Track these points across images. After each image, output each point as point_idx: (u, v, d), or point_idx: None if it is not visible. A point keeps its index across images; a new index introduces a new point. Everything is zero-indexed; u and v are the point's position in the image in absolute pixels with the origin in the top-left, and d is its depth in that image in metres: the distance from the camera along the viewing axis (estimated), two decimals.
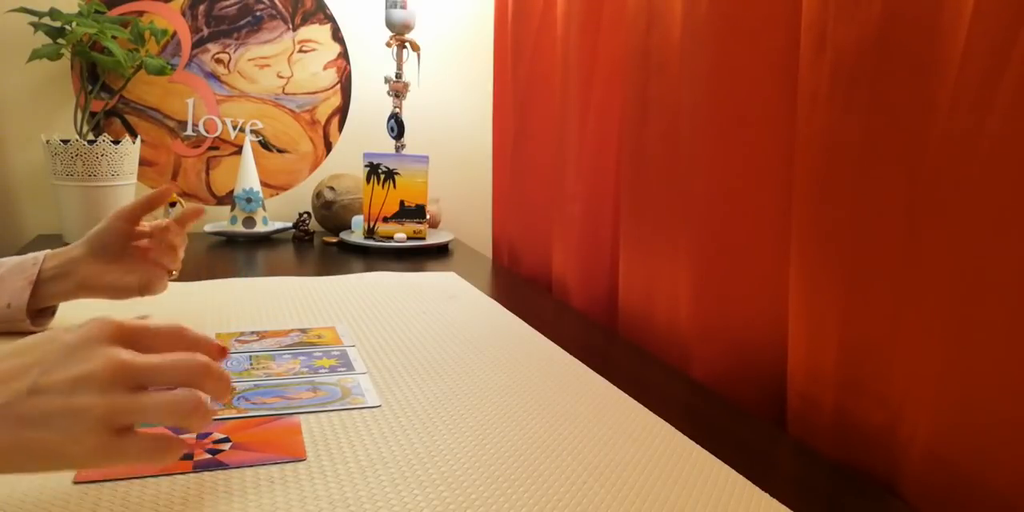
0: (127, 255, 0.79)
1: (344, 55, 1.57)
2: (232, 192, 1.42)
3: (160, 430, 0.44)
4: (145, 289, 0.80)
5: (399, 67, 1.42)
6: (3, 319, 0.75)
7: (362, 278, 1.10)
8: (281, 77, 1.54)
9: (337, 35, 1.56)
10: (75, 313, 0.82)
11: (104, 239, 0.78)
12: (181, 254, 0.84)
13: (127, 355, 0.40)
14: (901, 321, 0.56)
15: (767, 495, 0.49)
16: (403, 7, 1.37)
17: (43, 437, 0.38)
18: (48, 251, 0.78)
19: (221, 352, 0.45)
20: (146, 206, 0.82)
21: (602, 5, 1.02)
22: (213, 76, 1.50)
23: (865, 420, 0.59)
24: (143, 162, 1.45)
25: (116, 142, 1.29)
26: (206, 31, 1.48)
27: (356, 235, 1.40)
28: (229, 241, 1.39)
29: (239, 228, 1.39)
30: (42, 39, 1.30)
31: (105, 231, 0.78)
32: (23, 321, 0.75)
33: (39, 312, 0.78)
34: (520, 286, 1.17)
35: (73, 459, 0.39)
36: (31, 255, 0.77)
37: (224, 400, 0.44)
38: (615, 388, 0.68)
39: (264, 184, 1.49)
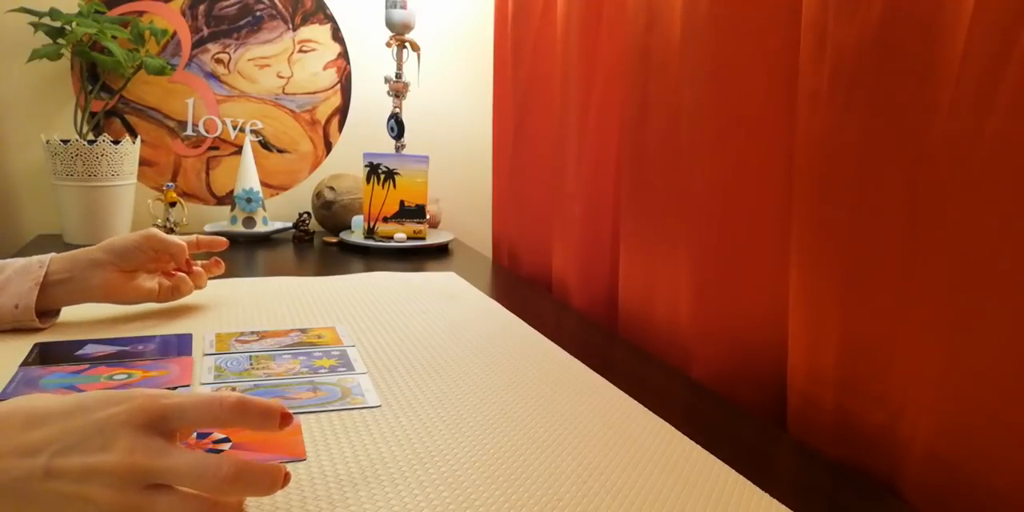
0: (150, 268, 0.84)
1: (344, 55, 1.57)
2: (232, 192, 1.42)
3: None
4: (169, 295, 0.85)
5: (399, 67, 1.42)
6: (12, 319, 0.75)
7: (362, 278, 1.10)
8: (281, 77, 1.54)
9: (337, 35, 1.56)
10: (78, 308, 0.82)
11: (130, 253, 0.80)
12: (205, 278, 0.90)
13: (146, 455, 0.38)
14: (901, 321, 0.56)
15: (767, 495, 0.49)
16: (403, 7, 1.37)
17: None
18: (54, 254, 0.78)
19: (283, 418, 0.41)
20: (194, 247, 0.87)
21: (602, 5, 1.02)
22: (213, 76, 1.50)
23: (865, 420, 0.59)
24: (143, 162, 1.45)
25: (116, 142, 1.29)
26: (206, 31, 1.48)
27: (356, 235, 1.40)
28: (229, 241, 1.39)
29: (239, 228, 1.39)
30: (42, 39, 1.30)
31: (135, 246, 0.80)
32: (32, 320, 0.76)
33: (45, 312, 0.78)
34: (520, 286, 1.17)
35: None
36: (36, 258, 0.77)
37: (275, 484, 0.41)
38: (615, 388, 0.68)
39: (264, 184, 1.49)
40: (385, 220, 1.38)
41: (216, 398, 0.40)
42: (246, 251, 1.32)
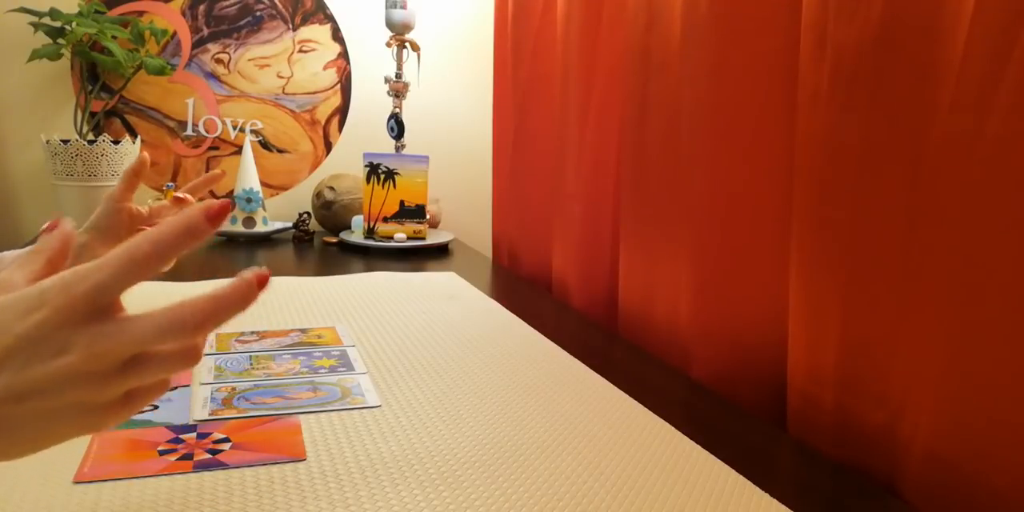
0: (130, 235, 0.79)
1: (344, 55, 1.57)
2: (232, 192, 1.42)
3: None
4: None
5: (399, 67, 1.42)
6: None
7: (362, 278, 1.10)
8: (281, 77, 1.54)
9: (337, 35, 1.56)
10: None
11: (102, 222, 0.76)
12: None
13: (101, 338, 0.35)
14: (901, 321, 0.55)
15: (767, 495, 0.49)
16: (403, 7, 1.37)
17: (50, 429, 0.36)
18: None
19: (209, 217, 0.37)
20: (130, 180, 0.79)
21: (602, 5, 1.01)
22: (213, 76, 1.50)
23: (865, 420, 0.59)
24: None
25: (116, 142, 1.29)
26: (206, 31, 1.48)
27: (356, 235, 1.40)
28: (229, 241, 1.39)
29: (239, 228, 1.39)
30: (42, 39, 1.30)
31: (102, 214, 0.76)
32: None
33: None
34: (520, 286, 1.17)
35: (86, 433, 0.37)
36: (31, 248, 0.77)
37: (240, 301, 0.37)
38: (615, 388, 0.68)
39: (264, 184, 1.49)
40: (385, 220, 1.38)
41: (127, 253, 0.36)
42: (246, 251, 1.32)
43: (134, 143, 1.34)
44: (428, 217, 1.41)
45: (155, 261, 0.36)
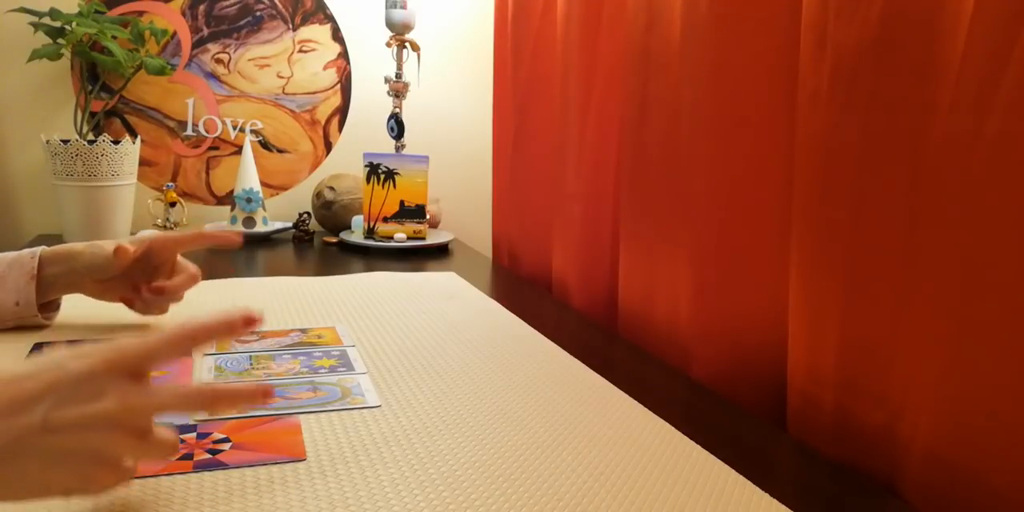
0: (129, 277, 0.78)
1: (344, 55, 1.57)
2: (232, 192, 1.41)
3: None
4: (143, 311, 0.80)
5: (399, 67, 1.42)
6: (14, 317, 0.75)
7: (362, 278, 1.10)
8: (281, 77, 1.54)
9: (337, 35, 1.56)
10: (80, 305, 0.82)
11: (101, 272, 0.77)
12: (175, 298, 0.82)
13: (136, 394, 0.40)
14: (901, 321, 0.56)
15: (767, 495, 0.49)
16: (403, 7, 1.37)
17: (59, 476, 0.38)
18: (44, 247, 0.78)
19: (248, 323, 0.45)
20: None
21: (602, 5, 1.02)
22: (213, 76, 1.50)
23: (865, 420, 0.59)
24: (143, 162, 1.45)
25: (116, 142, 1.29)
26: (206, 31, 1.48)
27: (356, 235, 1.40)
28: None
29: (239, 228, 1.39)
30: (42, 39, 1.30)
31: (107, 263, 0.76)
32: (35, 316, 0.76)
33: (44, 305, 0.78)
34: (520, 286, 1.17)
35: (76, 493, 0.41)
36: (27, 250, 0.77)
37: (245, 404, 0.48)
38: (615, 388, 0.68)
39: (264, 184, 1.49)
40: (385, 220, 1.38)
41: (178, 332, 0.43)
42: (246, 251, 1.32)
43: (134, 143, 1.34)
44: (428, 217, 1.41)
45: (196, 343, 0.44)
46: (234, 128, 1.53)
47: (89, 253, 0.76)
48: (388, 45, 1.40)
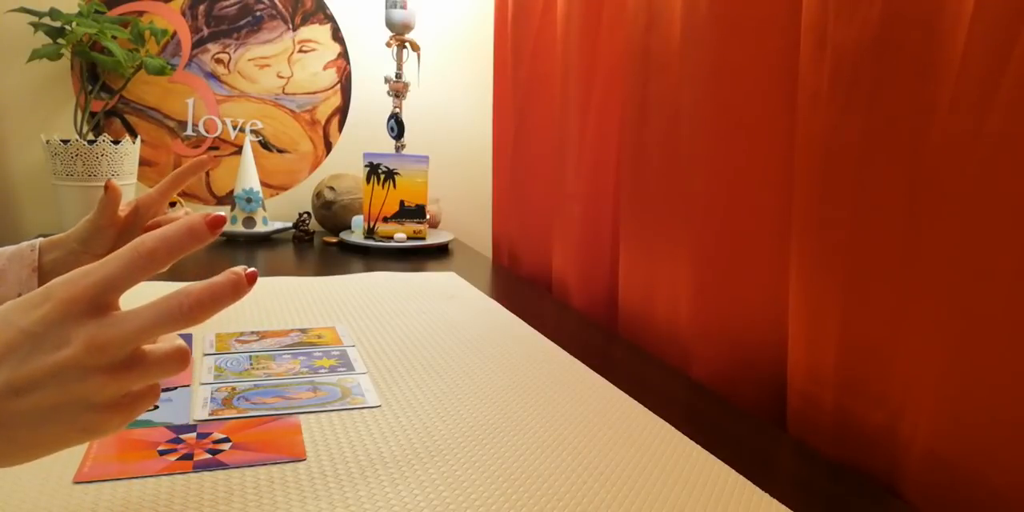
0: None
1: (344, 55, 1.57)
2: (232, 192, 1.41)
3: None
4: None
5: (399, 67, 1.42)
6: None
7: (362, 278, 1.10)
8: (281, 77, 1.54)
9: (337, 35, 1.56)
10: None
11: (92, 237, 0.76)
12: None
13: (100, 330, 0.35)
14: (901, 321, 0.56)
15: (767, 495, 0.49)
16: (403, 7, 1.37)
17: (46, 432, 0.36)
18: (41, 238, 0.78)
19: (214, 224, 0.37)
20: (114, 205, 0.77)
21: (602, 5, 1.02)
22: (213, 76, 1.50)
23: (865, 420, 0.59)
24: (143, 162, 1.45)
25: (116, 142, 1.29)
26: (206, 31, 1.48)
27: (356, 235, 1.40)
28: (229, 241, 1.39)
29: (239, 228, 1.39)
30: (42, 39, 1.30)
31: (92, 230, 0.75)
32: None
33: None
34: (520, 286, 1.17)
35: (83, 440, 0.37)
36: (26, 243, 0.77)
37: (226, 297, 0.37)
38: (615, 388, 0.68)
39: (264, 184, 1.49)
40: (385, 220, 1.38)
41: (132, 250, 0.37)
42: (246, 251, 1.32)
43: (134, 143, 1.34)
44: (428, 217, 1.41)
45: (157, 260, 0.37)
46: (234, 128, 1.53)
47: (78, 227, 0.75)
48: (388, 45, 1.40)
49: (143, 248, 0.37)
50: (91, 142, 1.27)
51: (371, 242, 1.35)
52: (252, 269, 0.38)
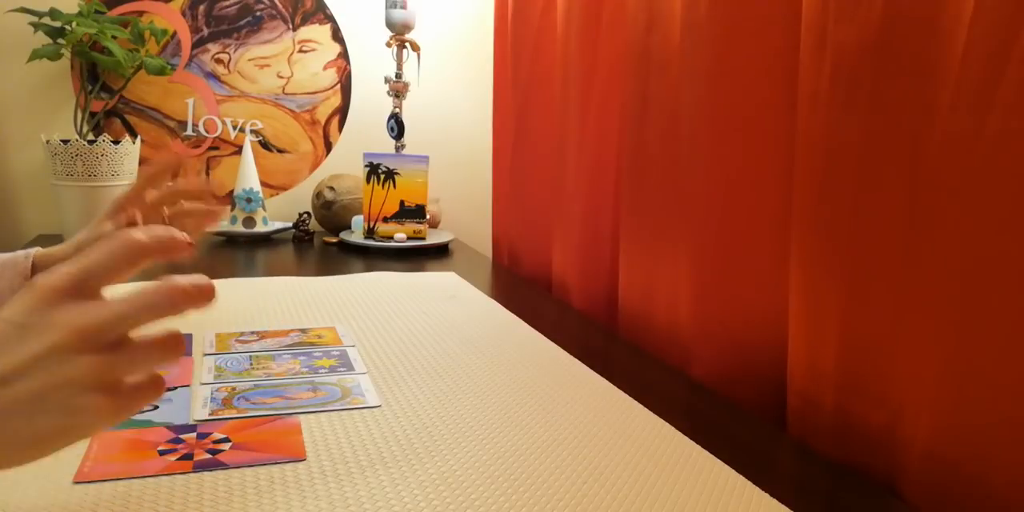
0: None
1: (344, 55, 1.57)
2: (232, 192, 1.41)
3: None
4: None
5: (399, 67, 1.42)
6: None
7: (362, 278, 1.10)
8: (281, 77, 1.54)
9: (337, 35, 1.56)
10: None
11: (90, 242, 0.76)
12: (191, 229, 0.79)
13: (83, 314, 0.35)
14: (901, 321, 0.56)
15: (767, 495, 0.49)
16: (403, 7, 1.37)
17: (41, 423, 0.35)
18: (39, 248, 0.78)
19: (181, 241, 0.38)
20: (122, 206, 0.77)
21: (602, 5, 1.02)
22: (213, 76, 1.50)
23: (865, 420, 0.59)
24: (143, 162, 1.45)
25: (116, 142, 1.29)
26: (206, 31, 1.48)
27: (356, 235, 1.40)
28: (229, 241, 1.39)
29: (239, 228, 1.39)
30: (42, 39, 1.30)
31: (91, 236, 0.76)
32: None
33: None
34: (520, 286, 1.17)
35: (82, 432, 0.37)
36: (21, 252, 0.77)
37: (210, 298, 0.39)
38: (615, 388, 0.68)
39: (264, 184, 1.49)
40: (385, 220, 1.38)
41: (114, 240, 0.37)
42: (246, 251, 1.32)
43: (134, 143, 1.34)
44: (428, 217, 1.41)
45: (142, 253, 0.37)
46: (234, 128, 1.53)
47: (75, 239, 0.74)
48: (388, 45, 1.40)
49: (126, 239, 0.37)
50: (91, 142, 1.27)
51: (371, 242, 1.35)
52: (208, 285, 0.39)
